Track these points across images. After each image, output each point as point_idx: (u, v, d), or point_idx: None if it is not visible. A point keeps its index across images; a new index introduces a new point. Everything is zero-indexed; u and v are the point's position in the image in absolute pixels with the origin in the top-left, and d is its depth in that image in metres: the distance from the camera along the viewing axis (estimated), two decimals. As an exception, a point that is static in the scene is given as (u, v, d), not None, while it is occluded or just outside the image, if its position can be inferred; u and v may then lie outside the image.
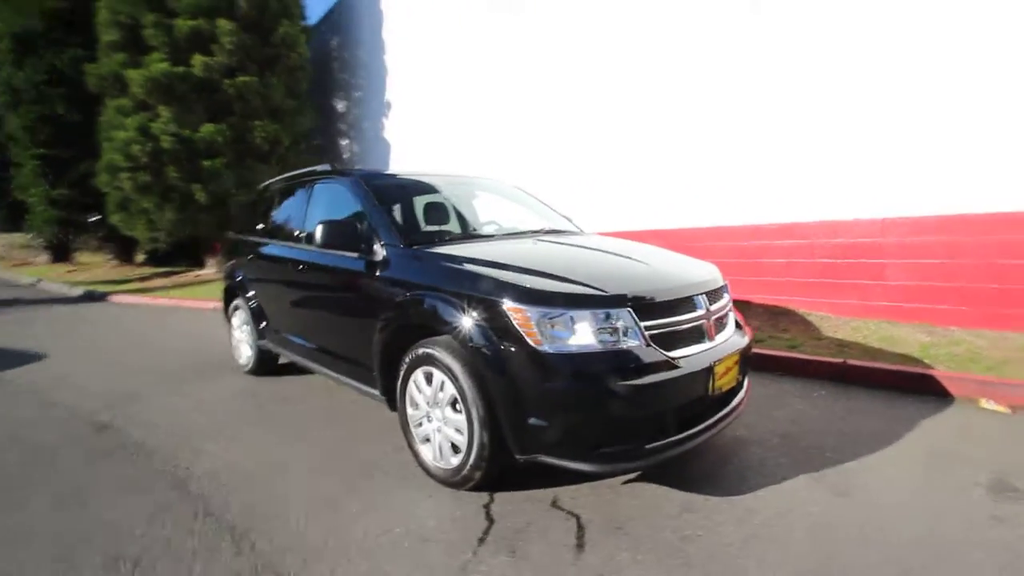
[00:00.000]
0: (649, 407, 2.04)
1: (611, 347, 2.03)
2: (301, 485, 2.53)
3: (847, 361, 3.75)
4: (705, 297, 2.39)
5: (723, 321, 2.50)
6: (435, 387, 2.38)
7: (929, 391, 3.39)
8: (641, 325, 2.09)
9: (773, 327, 4.89)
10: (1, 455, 3.02)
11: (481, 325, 2.15)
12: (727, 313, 2.58)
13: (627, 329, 2.07)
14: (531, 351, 2.01)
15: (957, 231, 4.44)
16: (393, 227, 2.80)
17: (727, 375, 2.32)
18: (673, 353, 2.14)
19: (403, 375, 2.55)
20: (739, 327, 2.66)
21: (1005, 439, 2.75)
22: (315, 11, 61.08)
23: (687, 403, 2.15)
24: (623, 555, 1.91)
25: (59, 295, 11.10)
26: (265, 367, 4.36)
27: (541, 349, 2.00)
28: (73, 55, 13.07)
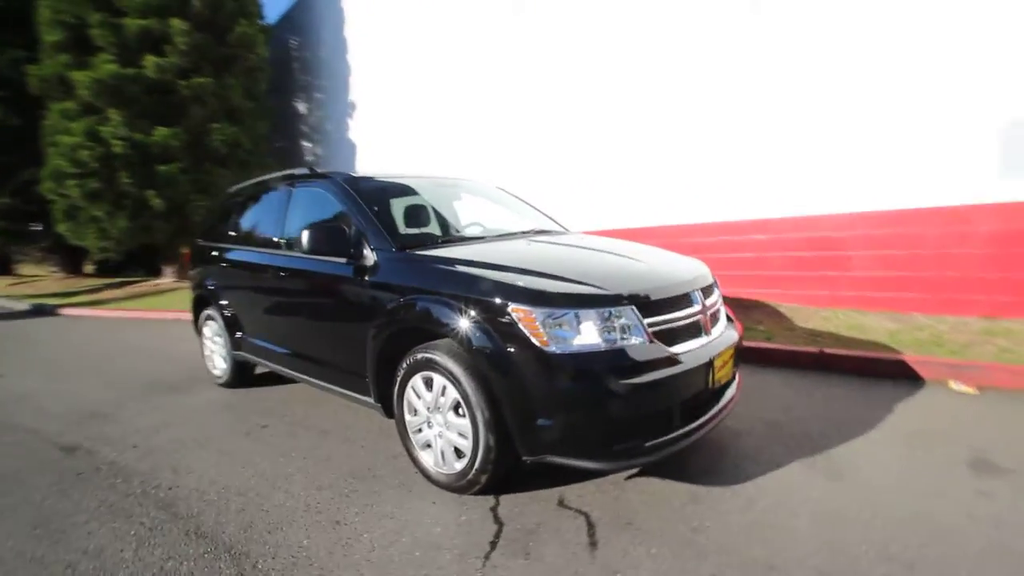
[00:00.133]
0: (656, 403, 2.06)
1: (617, 345, 2.04)
2: (296, 499, 2.44)
3: (823, 350, 3.90)
4: (700, 293, 2.44)
5: (716, 316, 2.56)
6: (436, 392, 2.34)
7: (901, 375, 3.56)
8: (644, 322, 2.11)
9: (748, 319, 5.03)
10: (-40, 484, 2.81)
11: (485, 328, 2.12)
12: (719, 308, 2.64)
13: (631, 327, 2.09)
14: (538, 352, 2.00)
15: (917, 224, 4.67)
16: (383, 231, 2.74)
17: (724, 368, 2.37)
18: (675, 349, 2.17)
19: (400, 381, 2.50)
20: (730, 321, 2.73)
21: (976, 418, 2.91)
22: (273, 11, 59.11)
23: (690, 397, 2.18)
24: (638, 550, 1.92)
25: (3, 309, 10.45)
26: (241, 379, 4.21)
27: (548, 350, 2.00)
28: (13, 56, 12.33)
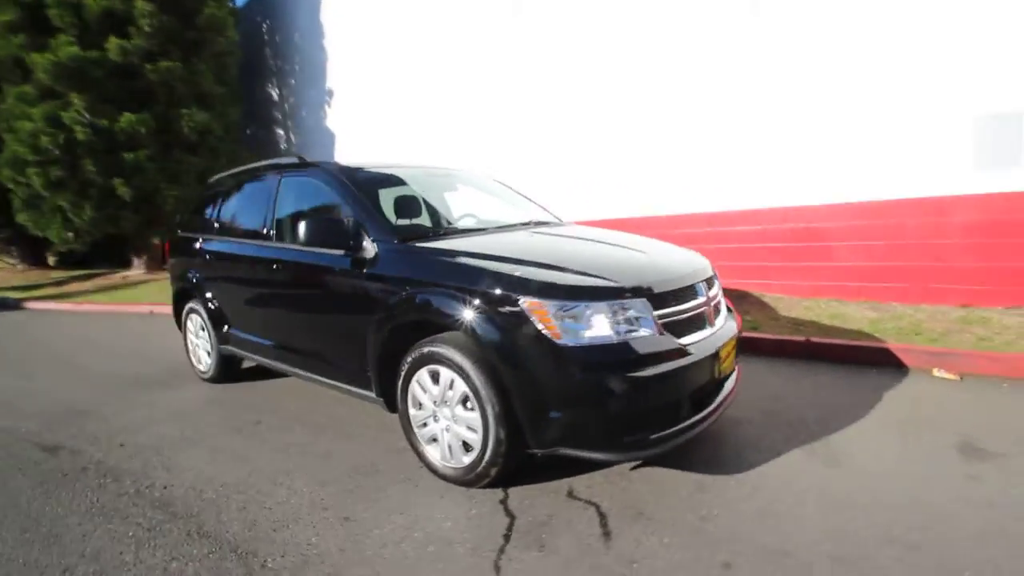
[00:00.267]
0: (667, 395, 2.08)
1: (628, 337, 2.05)
2: (300, 495, 2.40)
3: (810, 339, 4.00)
4: (704, 284, 2.46)
5: (718, 307, 2.59)
6: (443, 385, 2.32)
7: (886, 363, 3.67)
8: (654, 314, 2.13)
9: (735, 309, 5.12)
10: (-64, 489, 2.68)
11: (495, 320, 2.10)
12: (720, 299, 2.67)
13: (641, 319, 2.10)
14: (551, 345, 2.00)
15: (896, 214, 4.81)
16: (383, 222, 2.69)
17: (728, 359, 2.41)
18: (683, 341, 2.19)
19: (404, 375, 2.46)
20: (730, 311, 2.77)
21: (960, 404, 3.03)
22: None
23: (698, 388, 2.21)
24: (650, 539, 1.94)
25: (-41, 304, 9.94)
26: (227, 373, 4.11)
27: (561, 342, 1.99)
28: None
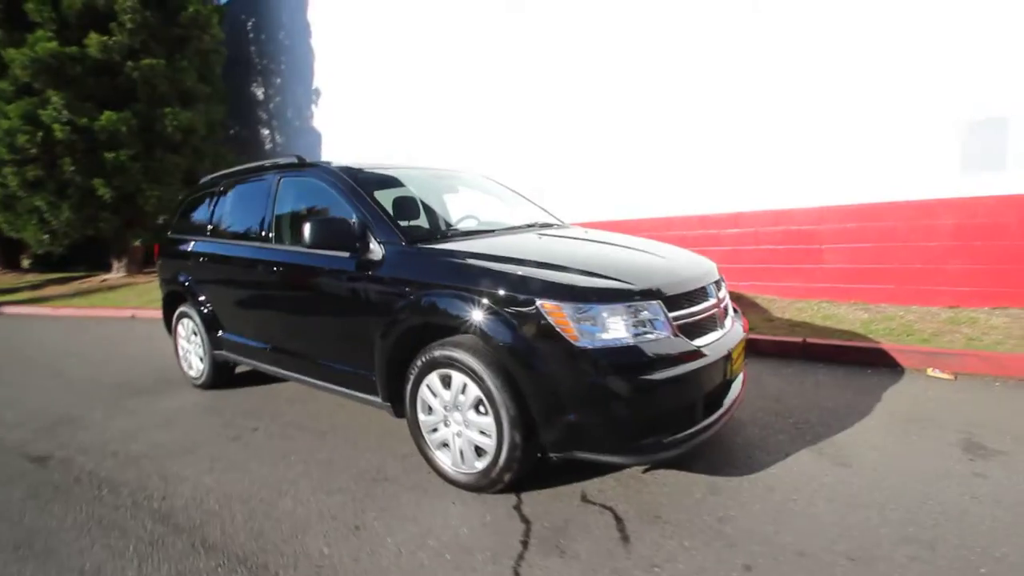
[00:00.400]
0: (684, 397, 2.08)
1: (645, 339, 2.04)
2: (307, 505, 2.34)
3: (807, 340, 4.04)
4: (714, 286, 2.47)
5: (727, 309, 2.60)
6: (455, 390, 2.28)
7: (881, 363, 3.73)
8: (669, 316, 2.12)
9: (728, 311, 5.17)
10: (-81, 503, 2.56)
11: (511, 323, 2.08)
12: (728, 301, 2.68)
13: (657, 321, 2.09)
14: (569, 347, 1.98)
15: (885, 217, 4.90)
16: (391, 223, 2.64)
17: (738, 360, 2.42)
18: (697, 342, 2.19)
19: (413, 379, 2.42)
20: (736, 313, 2.78)
21: (957, 403, 3.08)
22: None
23: (712, 390, 2.21)
24: (670, 543, 1.94)
25: (-71, 309, 9.59)
26: (220, 379, 4.01)
27: (579, 345, 1.98)
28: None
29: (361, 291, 2.65)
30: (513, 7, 7.19)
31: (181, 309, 4.09)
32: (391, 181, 3.23)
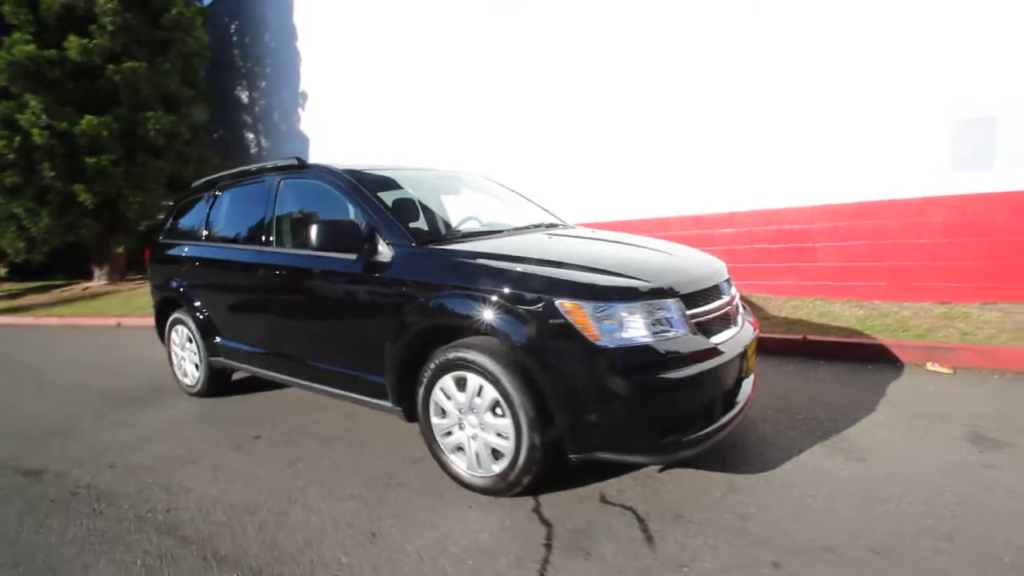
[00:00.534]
0: (704, 394, 2.07)
1: (664, 338, 2.03)
2: (320, 513, 2.28)
3: (807, 337, 4.08)
4: (726, 284, 2.48)
5: (738, 307, 2.61)
6: (470, 392, 2.25)
7: (881, 359, 3.78)
8: (687, 314, 2.12)
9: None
10: (-93, 521, 2.45)
11: (529, 323, 2.05)
12: (738, 300, 2.69)
13: (675, 319, 2.08)
14: (590, 347, 1.96)
15: (877, 216, 4.98)
16: (400, 225, 2.60)
17: (752, 358, 2.43)
18: (714, 340, 2.19)
19: (427, 382, 2.38)
20: (746, 311, 2.79)
21: (960, 396, 3.13)
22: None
23: (729, 387, 2.21)
24: (694, 542, 1.92)
25: (-99, 320, 9.25)
26: (216, 387, 3.92)
27: (600, 344, 1.96)
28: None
29: (369, 293, 2.60)
30: (503, 8, 7.19)
31: (175, 316, 3.99)
32: (396, 182, 3.19)
